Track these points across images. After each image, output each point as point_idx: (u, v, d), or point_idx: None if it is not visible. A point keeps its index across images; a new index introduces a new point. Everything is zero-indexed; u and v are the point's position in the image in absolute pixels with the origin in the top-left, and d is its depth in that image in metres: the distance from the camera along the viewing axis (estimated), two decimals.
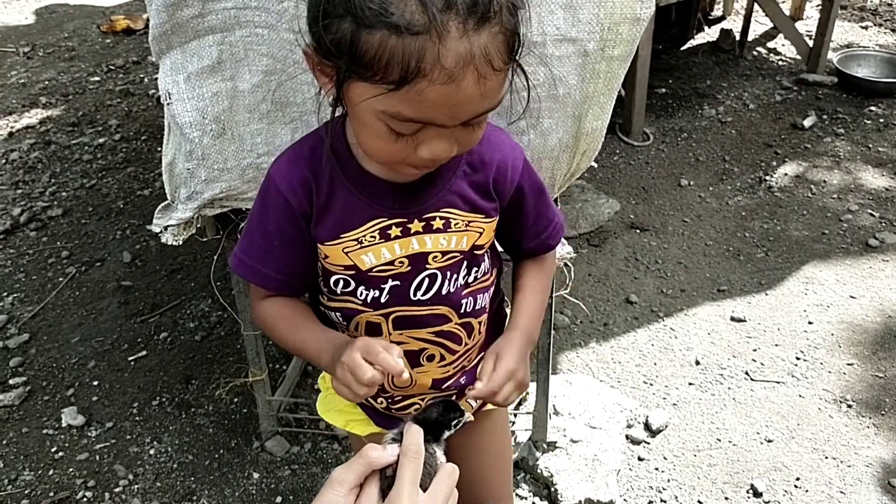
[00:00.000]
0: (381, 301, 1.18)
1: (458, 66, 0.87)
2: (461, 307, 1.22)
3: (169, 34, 1.50)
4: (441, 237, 1.15)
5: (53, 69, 4.90)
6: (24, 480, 2.23)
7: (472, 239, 1.17)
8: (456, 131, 0.96)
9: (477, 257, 1.20)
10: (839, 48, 4.64)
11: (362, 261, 1.15)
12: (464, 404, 1.30)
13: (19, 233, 3.31)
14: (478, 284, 1.23)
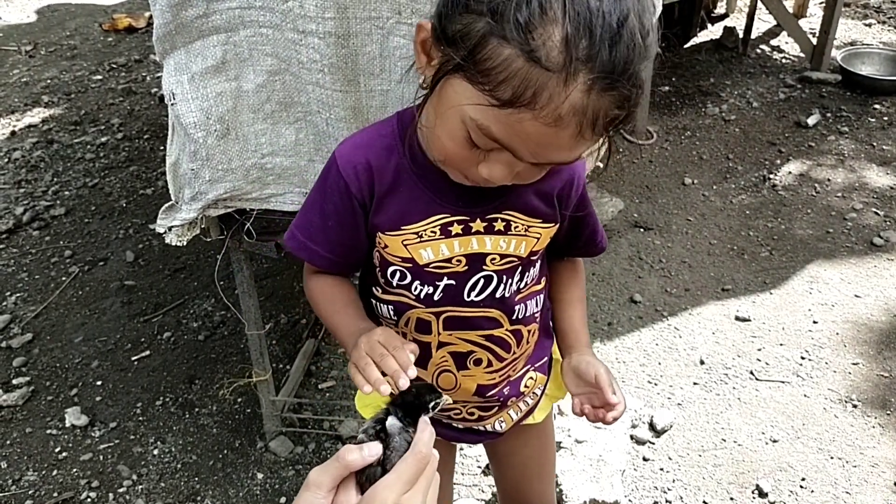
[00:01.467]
0: (435, 299, 1.17)
1: (568, 116, 0.86)
2: (514, 312, 1.22)
3: (173, 34, 1.50)
4: (501, 239, 1.15)
5: (55, 68, 4.89)
6: (28, 481, 2.23)
7: (531, 245, 1.17)
8: (525, 166, 0.96)
9: (531, 262, 1.21)
10: (843, 46, 4.63)
11: (420, 255, 1.14)
12: (505, 416, 1.33)
13: (22, 232, 3.31)
14: (528, 290, 1.23)
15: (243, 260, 1.96)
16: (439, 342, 1.21)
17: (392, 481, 0.83)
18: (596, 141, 0.94)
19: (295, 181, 1.71)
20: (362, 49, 1.48)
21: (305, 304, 2.86)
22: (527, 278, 1.22)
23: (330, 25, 1.45)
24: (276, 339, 2.70)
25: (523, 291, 1.22)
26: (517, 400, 1.34)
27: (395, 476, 0.83)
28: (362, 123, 1.58)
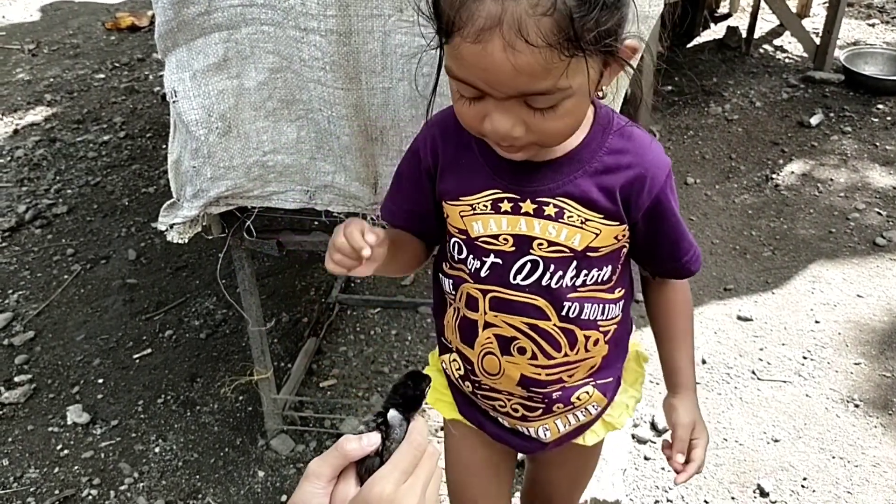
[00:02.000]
0: (482, 275, 1.17)
1: (484, 28, 0.86)
2: (563, 308, 1.17)
3: (175, 31, 1.50)
4: (550, 225, 1.11)
5: (58, 66, 4.90)
6: (30, 478, 2.23)
7: (587, 239, 1.12)
8: (522, 112, 0.95)
9: (591, 260, 1.14)
10: (846, 46, 4.62)
11: (472, 227, 1.15)
12: (551, 424, 1.32)
13: (24, 230, 3.31)
14: (589, 291, 1.17)
15: (245, 258, 1.96)
16: (485, 322, 1.21)
17: (388, 472, 0.83)
18: (554, 55, 0.87)
19: (296, 179, 1.71)
20: (364, 47, 1.48)
21: (307, 302, 2.86)
22: (586, 277, 1.16)
23: (331, 23, 1.45)
24: (277, 338, 2.70)
25: (580, 290, 1.17)
26: (566, 410, 1.29)
27: (392, 466, 0.83)
28: (364, 121, 1.58)
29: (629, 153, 1.11)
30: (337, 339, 2.69)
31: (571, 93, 0.93)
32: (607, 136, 1.10)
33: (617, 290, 1.21)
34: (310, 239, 1.92)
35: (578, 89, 0.94)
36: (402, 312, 2.79)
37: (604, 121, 1.12)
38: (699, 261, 1.23)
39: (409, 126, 1.59)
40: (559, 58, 0.88)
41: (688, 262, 1.22)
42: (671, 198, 1.14)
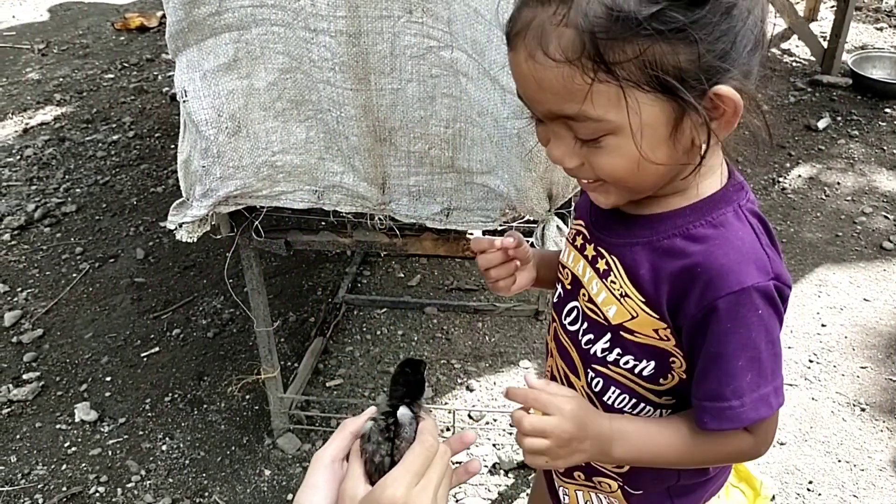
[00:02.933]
0: (553, 300, 1.12)
1: (516, 34, 0.83)
2: (587, 375, 1.04)
3: (185, 32, 1.51)
4: (595, 281, 1.00)
5: (68, 66, 4.92)
6: (38, 475, 2.24)
7: (622, 316, 0.96)
8: (572, 142, 0.86)
9: (625, 342, 0.97)
10: (854, 49, 4.61)
11: (563, 250, 1.11)
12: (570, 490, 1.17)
13: (33, 228, 3.33)
14: (616, 374, 1.00)
15: (253, 257, 1.97)
16: (549, 348, 1.15)
17: (400, 474, 0.83)
18: (576, 72, 0.78)
19: (305, 179, 1.72)
20: (373, 47, 1.49)
21: (314, 302, 2.87)
22: (619, 357, 0.99)
23: (341, 24, 1.46)
24: (284, 337, 2.71)
25: (609, 368, 1.00)
26: (586, 484, 1.15)
27: (403, 469, 0.84)
28: (373, 122, 1.59)
29: (703, 244, 0.89)
30: (343, 338, 2.70)
31: (612, 127, 0.82)
32: (703, 216, 0.91)
33: (666, 397, 1.00)
34: (318, 239, 1.93)
35: (624, 126, 0.81)
36: (409, 313, 2.80)
37: (724, 198, 0.92)
38: (725, 420, 0.90)
39: (418, 127, 1.60)
40: (582, 79, 0.78)
41: (703, 409, 0.92)
42: (725, 320, 0.87)
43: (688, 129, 0.83)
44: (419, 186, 1.70)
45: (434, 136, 1.61)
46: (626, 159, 0.84)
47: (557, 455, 0.91)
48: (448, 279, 2.97)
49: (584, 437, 0.92)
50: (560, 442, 0.90)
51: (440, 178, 1.69)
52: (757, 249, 0.89)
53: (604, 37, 0.76)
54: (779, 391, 0.92)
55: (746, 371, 0.89)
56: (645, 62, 0.77)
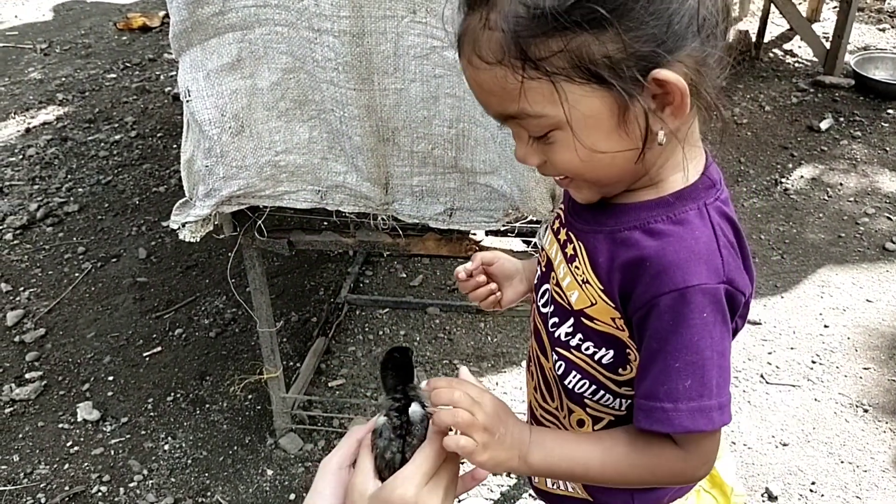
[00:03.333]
0: (535, 281, 1.11)
1: (458, 40, 0.84)
2: (552, 356, 1.03)
3: (189, 31, 1.51)
4: (563, 265, 1.00)
5: (70, 66, 4.93)
6: (40, 474, 2.24)
7: (583, 302, 0.95)
8: (532, 142, 0.87)
9: (586, 328, 0.96)
10: (856, 50, 4.61)
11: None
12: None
13: (36, 228, 3.33)
14: (577, 359, 0.99)
15: (255, 257, 1.97)
16: (530, 329, 1.14)
17: (411, 473, 0.83)
18: (508, 73, 0.79)
19: (308, 179, 1.72)
20: (377, 48, 1.49)
21: (316, 302, 2.87)
22: (581, 343, 0.97)
23: (345, 24, 1.46)
24: (286, 337, 2.71)
25: (574, 352, 0.99)
26: None
27: (414, 468, 0.84)
28: (376, 122, 1.59)
29: (658, 240, 0.87)
30: (346, 338, 2.70)
31: (554, 122, 0.81)
32: (666, 211, 0.88)
33: (626, 388, 0.98)
34: (320, 238, 1.93)
35: (565, 122, 0.81)
36: (411, 313, 2.80)
37: (690, 195, 0.89)
38: (659, 422, 0.87)
39: (421, 127, 1.60)
40: (514, 78, 0.79)
41: (641, 407, 0.89)
42: (666, 320, 0.85)
43: (637, 119, 0.80)
44: (422, 186, 1.70)
45: (437, 136, 1.61)
46: (576, 153, 0.83)
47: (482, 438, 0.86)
48: (450, 279, 2.97)
49: (504, 430, 0.89)
50: (482, 424, 0.87)
51: (443, 179, 1.69)
52: (711, 250, 0.86)
53: (526, 34, 0.76)
54: (724, 409, 0.87)
55: (685, 375, 0.85)
56: (572, 55, 0.76)
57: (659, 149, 0.84)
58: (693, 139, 0.90)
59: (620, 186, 0.90)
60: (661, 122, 0.81)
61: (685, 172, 0.89)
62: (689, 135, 0.88)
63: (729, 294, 0.85)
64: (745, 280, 0.88)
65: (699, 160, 0.92)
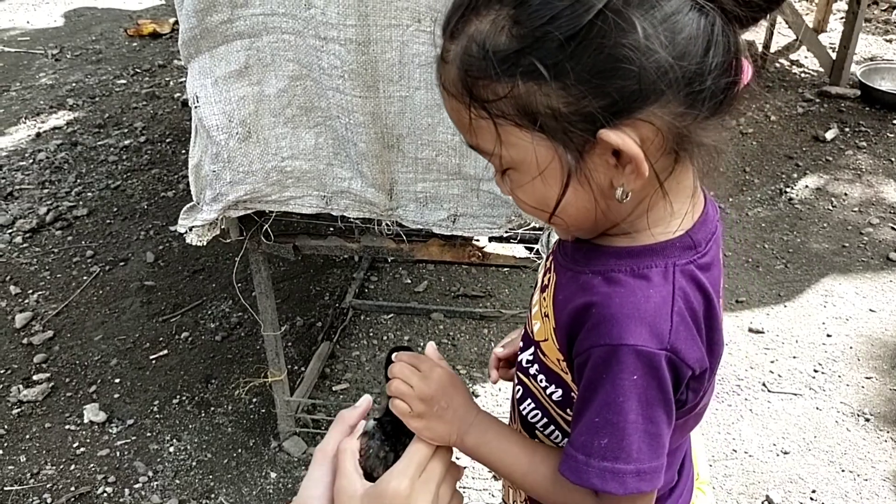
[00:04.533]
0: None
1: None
2: (514, 379, 1.04)
3: (198, 39, 1.54)
4: (538, 293, 0.99)
5: (81, 71, 4.97)
6: (46, 474, 2.27)
7: (540, 335, 0.94)
8: (499, 175, 0.86)
9: (541, 361, 0.96)
10: (863, 61, 4.62)
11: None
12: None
13: (45, 231, 3.37)
14: (533, 388, 0.99)
15: (261, 261, 1.99)
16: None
17: (404, 467, 0.85)
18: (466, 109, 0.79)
19: (313, 184, 1.75)
20: (382, 56, 1.51)
21: (321, 306, 2.89)
22: (537, 372, 0.97)
23: (351, 32, 1.48)
24: (291, 341, 2.73)
25: (531, 381, 0.99)
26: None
27: (407, 461, 0.85)
28: (381, 129, 1.62)
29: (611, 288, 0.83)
30: (350, 343, 2.72)
31: (507, 162, 0.80)
32: (631, 263, 0.84)
33: (553, 414, 0.98)
34: (326, 244, 1.96)
35: (517, 163, 0.79)
36: (415, 318, 2.82)
37: (661, 252, 0.84)
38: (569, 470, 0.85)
39: (426, 134, 1.62)
40: (466, 113, 0.79)
41: (566, 453, 0.86)
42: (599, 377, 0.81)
43: (594, 172, 0.77)
44: (426, 193, 1.72)
45: (441, 143, 1.63)
46: (530, 196, 0.82)
47: (417, 407, 0.91)
48: (454, 285, 2.98)
49: (446, 404, 0.92)
50: (420, 394, 0.91)
51: (447, 185, 1.71)
52: (661, 313, 0.80)
53: (475, 75, 0.76)
54: (644, 476, 0.82)
55: (603, 434, 0.82)
56: (517, 102, 0.75)
57: (628, 201, 0.79)
58: (679, 191, 0.84)
59: (589, 232, 0.87)
60: (622, 178, 0.77)
61: (671, 230, 0.85)
62: (674, 187, 0.83)
63: (672, 363, 0.80)
64: (698, 354, 0.82)
65: (686, 215, 0.85)
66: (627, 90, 0.72)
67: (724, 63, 0.75)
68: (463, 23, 0.77)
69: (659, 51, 0.70)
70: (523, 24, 0.72)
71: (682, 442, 1.00)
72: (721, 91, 0.76)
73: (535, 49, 0.72)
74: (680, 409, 0.86)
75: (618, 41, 0.70)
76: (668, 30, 0.71)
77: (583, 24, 0.69)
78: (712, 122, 0.78)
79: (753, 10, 0.75)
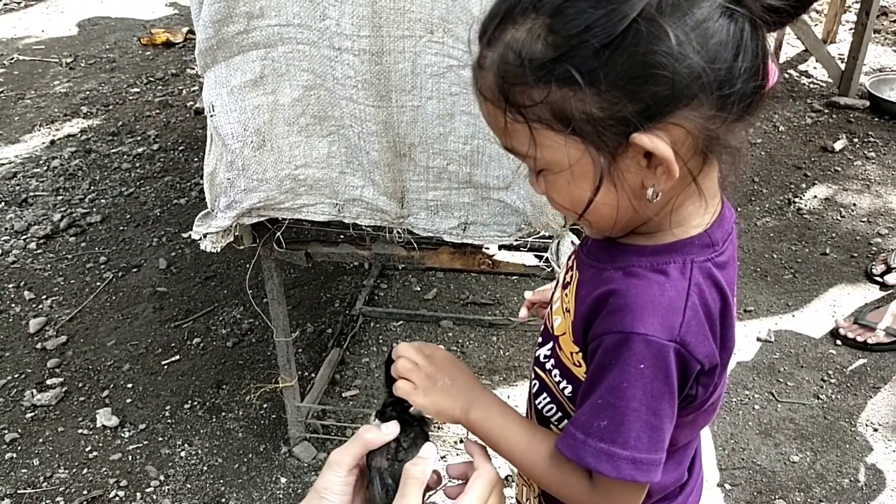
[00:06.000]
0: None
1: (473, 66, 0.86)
2: (532, 373, 1.07)
3: (214, 49, 1.57)
4: (559, 289, 1.03)
5: (95, 80, 5.02)
6: (59, 478, 2.29)
7: (560, 329, 0.98)
8: (534, 176, 0.89)
9: (558, 356, 0.99)
10: (872, 72, 4.62)
11: None
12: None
13: (59, 238, 3.40)
14: (549, 383, 1.02)
15: (274, 268, 2.02)
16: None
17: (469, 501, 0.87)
18: (505, 115, 0.82)
19: (326, 192, 1.77)
20: (395, 66, 1.54)
21: (332, 313, 2.92)
22: (553, 367, 1.00)
23: (364, 43, 1.51)
24: (302, 348, 2.75)
25: (547, 375, 1.02)
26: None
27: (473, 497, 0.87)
28: (393, 138, 1.64)
29: (630, 279, 0.87)
30: (360, 350, 2.74)
31: (542, 164, 0.83)
32: (650, 259, 0.88)
33: (564, 407, 1.01)
34: (337, 251, 1.98)
35: (551, 164, 0.82)
36: (425, 326, 2.84)
37: (679, 249, 0.87)
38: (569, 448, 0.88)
39: (437, 143, 1.64)
40: (502, 117, 0.82)
41: (566, 430, 0.90)
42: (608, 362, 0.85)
43: (626, 173, 0.80)
44: (437, 201, 1.74)
45: (452, 152, 1.65)
46: (563, 196, 0.85)
47: (422, 382, 0.98)
48: (464, 293, 3.00)
49: (450, 380, 0.99)
50: (425, 370, 0.98)
51: (458, 193, 1.73)
52: (674, 307, 0.84)
53: (511, 81, 0.79)
54: (640, 465, 0.84)
55: (603, 415, 0.85)
56: (553, 107, 0.77)
57: (658, 201, 0.82)
58: (704, 191, 0.87)
59: (618, 231, 0.89)
60: (653, 179, 0.80)
61: (691, 229, 0.88)
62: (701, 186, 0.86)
63: (680, 356, 0.83)
64: (708, 349, 0.85)
65: (707, 214, 0.89)
66: (660, 95, 0.75)
67: (752, 67, 0.77)
68: (500, 31, 0.80)
69: (692, 56, 0.73)
70: (559, 32, 0.75)
71: (692, 439, 1.02)
72: (749, 94, 0.78)
73: (570, 56, 0.74)
74: (690, 403, 0.89)
75: (651, 48, 0.73)
76: (699, 36, 0.73)
77: (617, 32, 0.72)
78: (740, 125, 0.80)
79: (781, 16, 0.77)
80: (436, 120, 1.61)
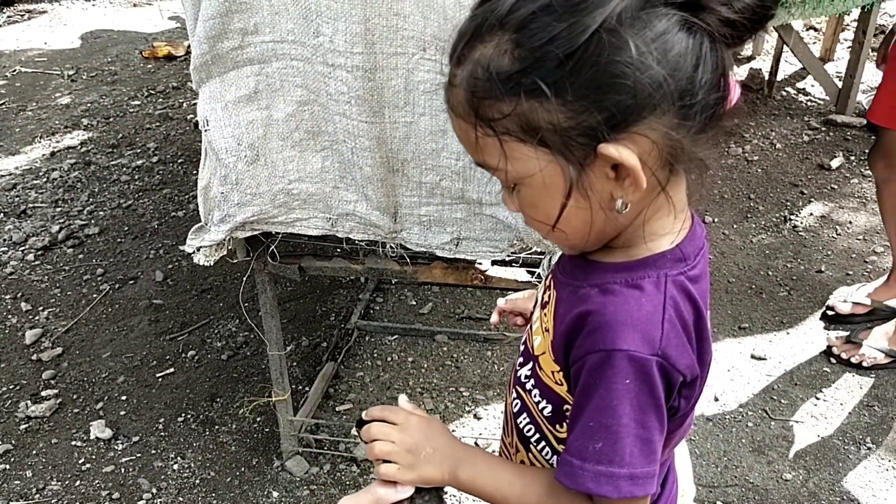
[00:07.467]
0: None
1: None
2: (512, 393, 1.07)
3: (209, 64, 1.58)
4: (538, 309, 1.04)
5: (96, 92, 5.05)
6: (52, 490, 2.29)
7: (540, 349, 0.98)
8: (507, 191, 0.91)
9: (538, 375, 0.99)
10: (869, 90, 4.64)
11: None
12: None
13: (57, 249, 3.41)
14: (529, 403, 1.02)
15: (267, 282, 2.02)
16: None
17: None
18: (475, 129, 0.83)
19: (319, 207, 1.78)
20: (388, 83, 1.55)
21: (326, 327, 2.92)
22: (532, 388, 1.00)
23: (358, 59, 1.52)
24: (296, 361, 2.76)
25: (527, 395, 1.02)
26: None
27: None
28: (386, 153, 1.65)
29: (606, 298, 0.88)
30: (354, 364, 2.74)
31: (513, 177, 0.85)
32: (625, 275, 0.89)
33: (562, 445, 0.99)
34: (331, 265, 1.99)
35: (523, 177, 0.84)
36: (420, 340, 2.84)
37: (653, 263, 0.89)
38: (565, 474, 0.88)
39: (430, 159, 1.65)
40: (473, 132, 0.84)
41: (562, 459, 0.90)
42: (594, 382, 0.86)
43: (594, 185, 0.82)
44: (430, 216, 1.75)
45: (445, 167, 1.66)
46: (536, 209, 0.87)
47: (405, 460, 0.96)
48: (459, 308, 3.01)
49: (431, 448, 0.97)
50: (404, 446, 0.96)
51: (450, 209, 1.74)
52: (652, 320, 0.85)
53: (480, 95, 0.81)
54: (637, 481, 0.85)
55: (597, 438, 0.86)
56: (520, 119, 0.79)
57: (627, 213, 0.84)
58: (674, 204, 0.89)
59: (592, 244, 0.91)
60: (621, 190, 0.82)
61: (650, 240, 0.90)
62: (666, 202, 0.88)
63: (663, 369, 0.85)
64: (688, 360, 0.87)
65: (678, 230, 0.91)
66: (624, 104, 0.77)
67: (713, 79, 0.80)
68: (468, 49, 0.82)
69: (653, 66, 0.75)
70: (524, 45, 0.77)
71: (666, 457, 1.03)
72: (711, 105, 0.81)
73: (536, 68, 0.77)
74: (673, 416, 0.90)
75: (613, 58, 0.75)
76: (659, 47, 0.76)
77: (580, 43, 0.75)
78: (704, 137, 0.82)
79: (739, 31, 0.79)
80: (428, 136, 1.62)
